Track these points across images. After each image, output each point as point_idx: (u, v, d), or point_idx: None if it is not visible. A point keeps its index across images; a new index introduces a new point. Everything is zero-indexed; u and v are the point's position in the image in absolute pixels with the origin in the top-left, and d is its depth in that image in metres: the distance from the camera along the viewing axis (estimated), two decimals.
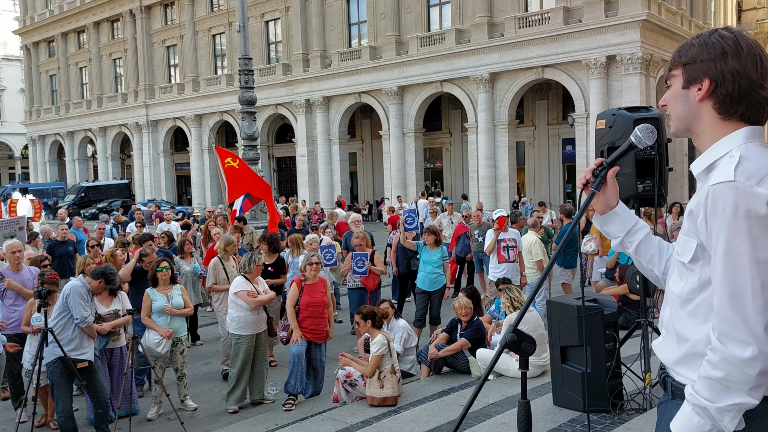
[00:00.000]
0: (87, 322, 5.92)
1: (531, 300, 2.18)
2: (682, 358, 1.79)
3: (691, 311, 1.76)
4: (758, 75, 1.72)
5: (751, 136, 1.74)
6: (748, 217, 1.59)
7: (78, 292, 5.96)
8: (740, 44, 1.73)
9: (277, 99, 35.79)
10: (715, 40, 1.75)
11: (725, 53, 1.73)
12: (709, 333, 1.68)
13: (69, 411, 6.03)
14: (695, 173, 1.81)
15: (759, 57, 1.73)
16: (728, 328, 1.61)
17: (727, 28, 1.78)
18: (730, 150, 1.71)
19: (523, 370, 2.09)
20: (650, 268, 2.05)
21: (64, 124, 50.33)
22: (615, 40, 24.17)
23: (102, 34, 47.33)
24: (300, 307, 7.06)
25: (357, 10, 33.38)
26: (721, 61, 1.73)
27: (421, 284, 9.27)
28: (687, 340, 1.77)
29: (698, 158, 1.81)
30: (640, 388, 5.33)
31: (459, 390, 6.59)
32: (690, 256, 1.76)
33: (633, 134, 1.99)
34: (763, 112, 1.76)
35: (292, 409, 6.73)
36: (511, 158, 28.25)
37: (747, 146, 1.70)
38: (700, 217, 1.69)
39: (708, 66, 1.75)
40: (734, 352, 1.60)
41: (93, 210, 38.03)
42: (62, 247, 11.19)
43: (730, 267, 1.62)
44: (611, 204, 2.04)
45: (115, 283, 6.46)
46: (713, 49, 1.75)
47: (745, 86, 1.72)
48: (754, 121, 1.76)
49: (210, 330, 10.63)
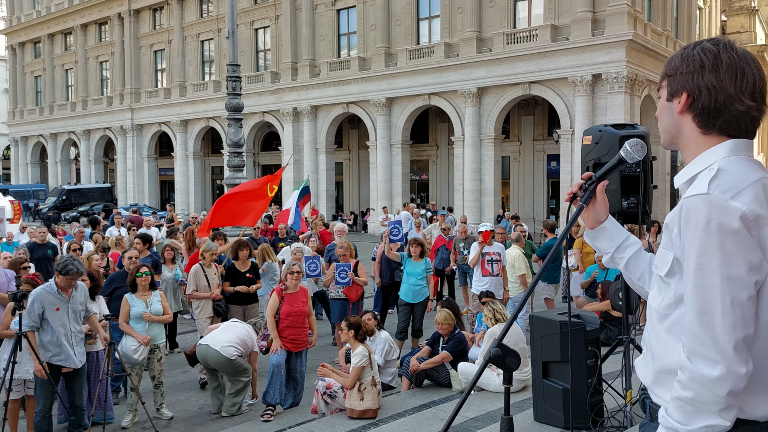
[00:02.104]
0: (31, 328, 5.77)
1: (516, 315, 2.15)
2: (657, 376, 1.75)
3: (668, 327, 1.72)
4: (737, 89, 1.68)
5: (735, 149, 1.70)
6: (720, 232, 1.55)
7: (32, 299, 5.82)
8: (720, 58, 1.69)
9: (264, 106, 35.70)
10: (695, 53, 1.74)
11: (703, 66, 1.71)
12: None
13: (47, 412, 5.93)
14: (677, 185, 1.79)
15: (741, 71, 1.69)
16: (697, 345, 1.57)
17: (713, 40, 1.75)
18: (711, 163, 1.68)
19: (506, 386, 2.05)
20: (641, 285, 2.02)
21: (48, 126, 49.79)
22: (601, 58, 24.45)
23: (89, 37, 46.99)
24: (280, 317, 6.99)
25: (347, 20, 33.47)
26: (699, 75, 1.71)
27: (405, 296, 9.24)
28: (662, 357, 1.74)
29: (681, 171, 1.79)
30: (621, 406, 5.31)
31: (439, 404, 6.54)
32: (666, 270, 1.73)
33: (623, 149, 1.98)
34: (746, 125, 1.72)
35: (270, 419, 6.63)
36: (496, 172, 28.39)
37: (729, 159, 1.67)
38: (674, 230, 1.66)
39: (686, 79, 1.74)
40: (702, 371, 1.55)
41: (74, 213, 37.57)
42: (41, 249, 11.02)
43: (700, 283, 1.58)
44: (600, 219, 2.02)
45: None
46: (692, 62, 1.73)
47: (722, 100, 1.69)
48: (737, 134, 1.72)
49: (189, 338, 10.48)
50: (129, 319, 6.91)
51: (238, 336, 7.07)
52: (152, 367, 7.04)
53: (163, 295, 7.44)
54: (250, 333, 7.28)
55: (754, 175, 1.63)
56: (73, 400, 6.09)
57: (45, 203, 42.32)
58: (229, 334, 7.06)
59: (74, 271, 5.78)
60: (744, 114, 1.70)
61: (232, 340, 6.97)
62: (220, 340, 6.94)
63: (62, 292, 5.90)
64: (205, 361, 7.02)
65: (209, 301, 8.34)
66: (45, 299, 5.82)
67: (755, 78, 1.71)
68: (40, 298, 5.81)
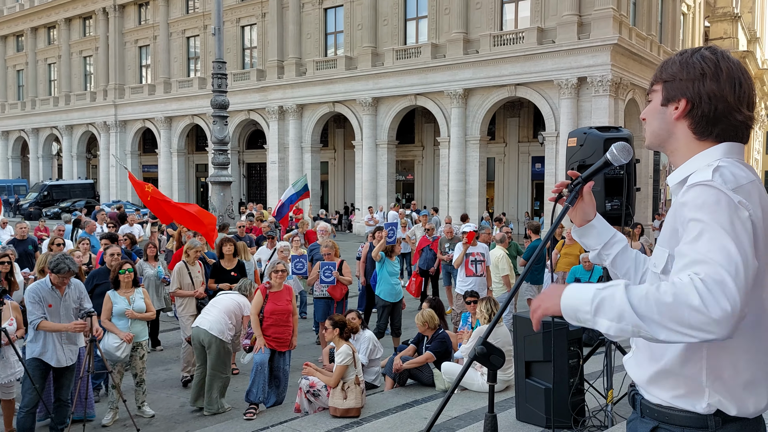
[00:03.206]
0: (41, 318, 5.77)
1: (500, 316, 2.17)
2: (655, 376, 1.76)
3: None
4: (735, 98, 1.72)
5: (729, 152, 1.74)
6: (729, 207, 1.55)
7: (30, 293, 5.82)
8: (720, 66, 1.72)
9: (249, 104, 35.54)
10: (696, 60, 1.75)
11: (704, 74, 1.72)
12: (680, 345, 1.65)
13: (32, 408, 5.88)
14: (671, 185, 1.81)
15: (738, 80, 1.72)
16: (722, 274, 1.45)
17: (710, 48, 1.78)
18: (707, 163, 1.70)
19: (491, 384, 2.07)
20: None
21: (30, 121, 49.16)
22: (586, 62, 24.64)
23: (73, 31, 46.48)
24: (264, 315, 6.98)
25: (334, 19, 33.42)
26: (699, 83, 1.73)
27: (387, 296, 9.35)
28: (661, 356, 1.74)
29: (675, 171, 1.81)
30: (602, 405, 5.37)
31: (423, 403, 6.56)
32: (662, 266, 1.75)
33: (609, 152, 2.00)
34: (740, 133, 1.76)
35: (253, 418, 6.61)
36: (481, 173, 28.51)
37: (724, 160, 1.70)
38: (682, 217, 1.63)
39: (686, 86, 1.75)
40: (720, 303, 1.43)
41: (56, 209, 37.16)
42: (22, 245, 10.90)
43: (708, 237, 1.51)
44: (589, 217, 2.05)
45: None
46: (693, 69, 1.74)
47: (722, 109, 1.72)
48: (732, 141, 1.76)
49: (171, 335, 10.42)
50: (111, 316, 6.86)
51: (226, 310, 7.18)
52: (134, 365, 6.99)
53: (147, 293, 7.38)
54: (237, 300, 7.37)
55: (750, 177, 1.67)
56: (59, 395, 6.06)
57: (26, 199, 41.82)
58: (215, 311, 7.17)
59: (66, 269, 5.78)
60: (741, 123, 1.73)
61: (220, 317, 7.09)
62: (209, 319, 7.08)
63: (56, 289, 5.89)
64: (199, 342, 7.07)
65: (193, 299, 8.30)
66: (41, 292, 5.82)
67: (750, 88, 1.75)
68: (37, 290, 5.82)
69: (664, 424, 1.75)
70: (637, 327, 1.51)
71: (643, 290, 1.52)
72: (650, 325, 1.49)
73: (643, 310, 1.49)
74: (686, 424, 1.71)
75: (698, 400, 1.69)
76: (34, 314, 5.74)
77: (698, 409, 1.69)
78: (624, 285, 1.55)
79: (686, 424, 1.71)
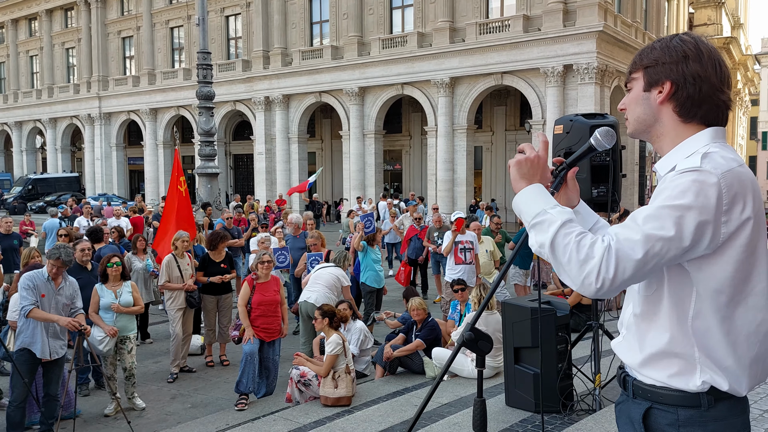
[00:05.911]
0: (34, 304, 5.74)
1: (488, 300, 2.19)
2: (649, 358, 1.78)
3: (656, 310, 1.76)
4: (718, 79, 1.75)
5: (714, 137, 1.77)
6: (698, 197, 1.60)
7: (26, 279, 5.79)
8: (701, 48, 1.76)
9: (235, 95, 35.32)
10: (676, 44, 1.78)
11: (687, 56, 1.75)
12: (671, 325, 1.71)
13: (21, 402, 5.85)
14: (660, 174, 1.81)
15: (718, 62, 1.76)
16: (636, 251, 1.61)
17: (687, 34, 1.81)
18: (695, 150, 1.73)
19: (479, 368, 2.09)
20: None
21: (12, 114, 48.58)
22: (572, 49, 24.69)
23: (55, 22, 45.89)
24: (252, 306, 6.99)
25: (319, 8, 33.22)
26: (683, 64, 1.75)
27: (373, 282, 9.68)
28: (654, 340, 1.77)
29: (663, 158, 1.83)
30: (590, 390, 5.43)
31: (413, 390, 6.61)
32: None
33: (593, 137, 2.01)
34: (722, 114, 1.79)
35: (244, 408, 6.63)
36: (469, 162, 28.56)
37: (712, 146, 1.73)
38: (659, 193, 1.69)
39: (670, 68, 1.77)
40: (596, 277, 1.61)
41: (41, 203, 36.82)
42: (7, 240, 10.80)
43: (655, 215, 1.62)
44: (573, 203, 2.07)
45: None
46: (675, 52, 1.77)
47: (706, 90, 1.75)
48: (715, 123, 1.79)
49: (160, 328, 10.39)
50: (99, 309, 6.83)
51: (327, 284, 7.95)
52: (123, 359, 6.97)
53: (135, 286, 7.35)
54: (334, 274, 8.09)
55: (739, 161, 1.70)
56: (49, 389, 6.03)
57: (10, 193, 41.39)
58: (318, 287, 7.91)
59: (56, 256, 5.75)
60: (723, 104, 1.77)
61: (323, 291, 7.85)
62: (315, 294, 7.80)
63: (52, 280, 5.85)
64: (307, 314, 7.67)
65: (181, 292, 8.27)
66: (36, 280, 5.78)
67: (728, 69, 1.80)
68: (33, 277, 5.79)
69: (657, 404, 1.77)
70: (550, 258, 1.71)
71: (570, 239, 1.67)
72: (557, 266, 1.70)
73: (559, 253, 1.68)
74: (680, 403, 1.74)
75: (691, 377, 1.72)
76: (27, 299, 5.69)
77: (691, 387, 1.72)
78: (561, 222, 1.70)
79: (680, 403, 1.74)
